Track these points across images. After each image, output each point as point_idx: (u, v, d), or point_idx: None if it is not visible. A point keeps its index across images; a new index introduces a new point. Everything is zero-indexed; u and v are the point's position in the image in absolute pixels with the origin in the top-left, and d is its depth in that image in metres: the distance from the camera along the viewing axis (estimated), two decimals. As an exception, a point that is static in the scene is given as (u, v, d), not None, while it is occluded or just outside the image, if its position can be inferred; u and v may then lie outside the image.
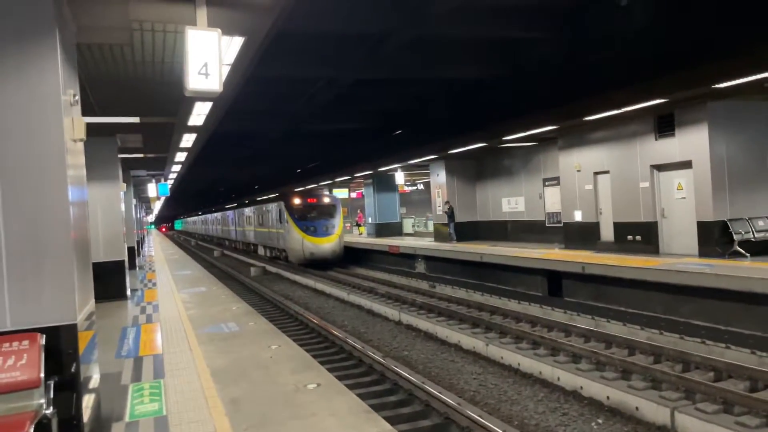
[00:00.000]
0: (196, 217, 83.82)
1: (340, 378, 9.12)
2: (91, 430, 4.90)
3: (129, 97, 9.90)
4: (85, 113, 7.13)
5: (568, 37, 12.62)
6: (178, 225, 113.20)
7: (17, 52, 4.62)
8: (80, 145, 5.80)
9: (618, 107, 12.61)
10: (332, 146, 25.18)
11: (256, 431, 4.64)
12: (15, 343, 4.31)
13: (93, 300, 5.96)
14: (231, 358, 7.13)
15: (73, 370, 4.77)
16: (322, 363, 9.71)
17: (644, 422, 7.27)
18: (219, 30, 5.24)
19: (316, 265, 25.99)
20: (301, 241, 26.16)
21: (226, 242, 50.86)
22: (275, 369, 6.54)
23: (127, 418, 5.15)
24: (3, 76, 4.60)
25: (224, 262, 35.04)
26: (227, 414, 5.08)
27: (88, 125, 5.79)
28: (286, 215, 27.24)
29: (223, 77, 5.57)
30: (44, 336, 4.48)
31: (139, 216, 29.48)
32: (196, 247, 54.48)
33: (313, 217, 26.90)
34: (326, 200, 28.02)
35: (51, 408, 4.22)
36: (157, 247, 39.90)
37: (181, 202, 72.13)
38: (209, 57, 5.21)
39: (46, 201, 4.65)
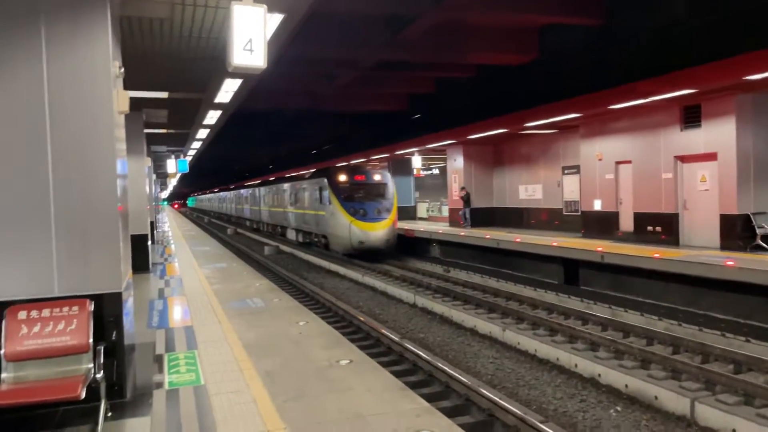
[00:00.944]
0: (211, 195, 79.93)
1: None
2: (133, 396, 5.05)
3: (157, 72, 9.94)
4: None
5: (598, 24, 12.53)
6: (191, 202, 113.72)
7: (71, 19, 4.69)
8: (122, 118, 5.90)
9: (645, 97, 12.51)
10: (350, 128, 25.20)
11: (294, 403, 4.75)
12: (65, 309, 4.45)
13: (131, 270, 6.10)
14: (261, 333, 7.26)
15: (114, 337, 4.90)
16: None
17: (663, 411, 7.33)
18: (265, 6, 5.28)
19: (363, 256, 21.23)
20: (347, 227, 21.07)
21: (246, 223, 45.85)
22: (306, 344, 6.67)
23: (166, 386, 5.29)
24: (56, 43, 4.67)
25: (237, 240, 35.26)
26: (264, 385, 5.21)
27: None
28: (329, 194, 22.20)
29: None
30: (93, 302, 4.60)
31: (156, 192, 29.70)
32: (209, 224, 54.81)
33: (362, 198, 21.89)
34: (378, 177, 22.72)
35: (101, 372, 4.35)
36: (171, 222, 40.22)
37: (195, 180, 72.46)
38: (254, 33, 5.24)
39: (96, 172, 4.76)
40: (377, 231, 21.12)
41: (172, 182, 46.80)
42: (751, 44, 9.78)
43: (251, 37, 5.25)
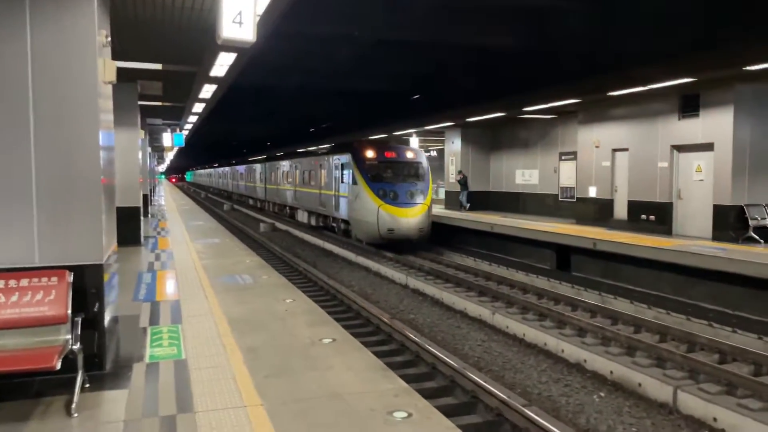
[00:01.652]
0: (210, 170, 76.17)
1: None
2: (113, 368, 5.05)
3: (152, 44, 9.82)
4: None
5: (599, 9, 12.34)
6: (190, 177, 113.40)
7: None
8: (109, 89, 5.82)
9: (644, 84, 12.41)
10: (348, 107, 24.97)
11: (274, 379, 4.76)
12: (44, 279, 4.42)
13: (116, 243, 6.06)
14: (247, 309, 7.26)
15: (96, 308, 4.89)
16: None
17: (646, 399, 7.38)
18: (255, -22, 5.18)
19: (391, 246, 18.21)
20: (375, 212, 17.83)
21: (249, 201, 42.90)
22: (291, 321, 6.67)
23: (147, 360, 5.29)
24: (41, 11, 4.58)
25: (234, 216, 35.24)
26: (245, 361, 5.21)
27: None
28: (354, 173, 19.04)
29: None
30: (72, 274, 4.58)
31: (151, 165, 29.58)
32: (206, 200, 54.74)
33: (392, 178, 18.75)
34: (411, 155, 19.60)
35: (77, 344, 4.34)
36: (167, 197, 40.14)
37: (192, 154, 72.14)
38: (244, 6, 5.16)
39: (78, 143, 4.70)
40: (410, 218, 17.71)
41: (170, 156, 46.60)
42: (753, 35, 9.66)
43: (241, 9, 5.17)
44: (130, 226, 12.77)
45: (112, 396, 4.46)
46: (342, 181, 20.23)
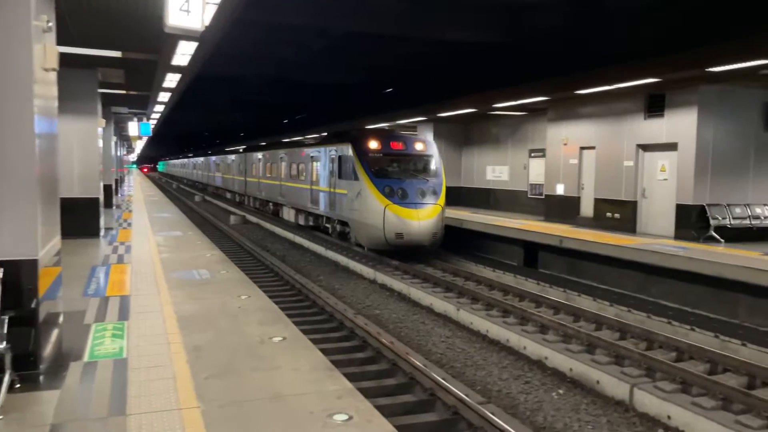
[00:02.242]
0: (183, 160, 72.28)
1: (308, 332, 9.19)
2: (49, 368, 4.84)
3: (111, 30, 9.51)
4: (62, 43, 6.82)
5: (569, 8, 12.36)
6: (162, 167, 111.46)
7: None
8: (52, 75, 5.55)
9: (610, 83, 12.47)
10: (320, 99, 24.72)
11: (215, 380, 4.60)
12: (-29, 275, 4.19)
13: (59, 236, 5.83)
14: (199, 305, 7.06)
15: (32, 305, 4.67)
16: (293, 316, 9.78)
17: (603, 396, 7.40)
18: (202, -36, 4.99)
19: (400, 253, 15.70)
20: (381, 213, 15.30)
21: (227, 195, 39.97)
22: (243, 319, 6.50)
23: (86, 358, 5.08)
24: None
25: (204, 207, 34.72)
26: (188, 361, 5.04)
27: (66, 56, 5.55)
28: (355, 167, 16.36)
29: (207, 15, 5.33)
30: (2, 270, 4.36)
31: (119, 154, 28.93)
32: (177, 191, 53.90)
33: (400, 174, 16.17)
34: (420, 147, 16.91)
35: (3, 343, 4.13)
36: (137, 187, 39.37)
37: (165, 144, 70.95)
38: (191, -8, 4.96)
39: (9, 131, 4.46)
40: (421, 221, 15.08)
41: (140, 145, 45.72)
42: (716, 37, 9.74)
43: (188, -4, 4.97)
44: (88, 217, 12.44)
45: (42, 397, 4.27)
46: (339, 176, 17.35)
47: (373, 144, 16.53)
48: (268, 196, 27.17)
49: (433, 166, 16.62)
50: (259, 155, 28.79)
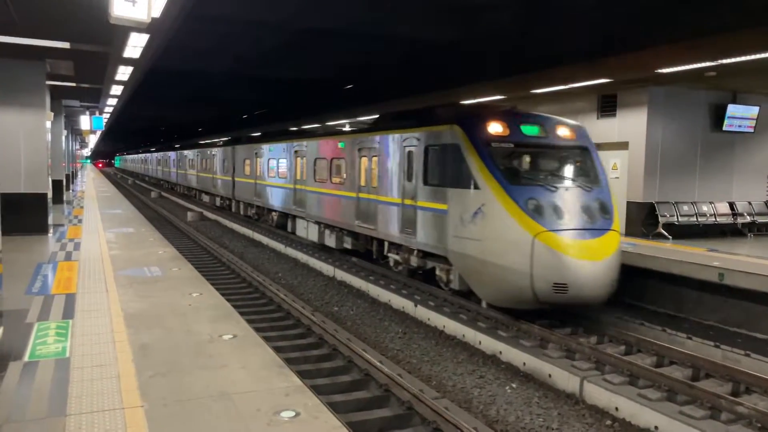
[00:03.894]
0: (144, 155, 64.20)
1: (265, 329, 9.11)
2: (-15, 368, 4.66)
3: (58, 20, 9.19)
4: (5, 32, 6.58)
5: (525, 8, 12.53)
6: (118, 162, 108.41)
7: None
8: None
9: (564, 83, 12.72)
10: (280, 95, 24.44)
11: (161, 379, 4.50)
12: None
13: (-2, 233, 5.61)
14: (148, 303, 6.90)
15: (-32, 304, 4.48)
16: (249, 314, 9.68)
17: (555, 389, 7.57)
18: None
19: (555, 311, 9.69)
20: (527, 246, 8.83)
21: (203, 197, 32.47)
22: (193, 317, 6.39)
23: (26, 358, 4.91)
24: None
25: (161, 204, 33.95)
26: (134, 360, 4.92)
27: (11, 46, 5.33)
28: (470, 164, 9.78)
29: (154, 7, 5.19)
30: (-69, 267, 4.17)
31: (71, 149, 28.02)
32: (132, 186, 52.59)
33: (546, 178, 9.86)
34: (565, 132, 10.55)
35: (-66, 343, 3.95)
36: (90, 183, 38.23)
37: (121, 139, 69.12)
38: (137, -18, 4.83)
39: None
40: (598, 260, 8.88)
41: (93, 139, 44.38)
42: (664, 37, 10.03)
43: (134, -15, 4.83)
44: (35, 213, 12.02)
45: (-23, 399, 4.10)
46: (427, 180, 10.90)
47: (498, 127, 9.93)
48: (271, 204, 20.23)
49: (593, 165, 10.22)
50: (258, 148, 21.58)
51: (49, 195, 12.83)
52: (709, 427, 6.15)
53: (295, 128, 27.04)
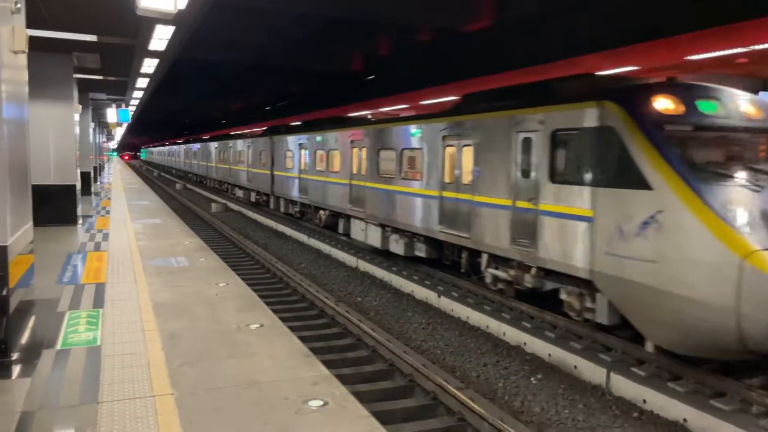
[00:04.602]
0: (171, 147, 61.76)
1: (289, 319, 9.18)
2: (20, 356, 4.76)
3: (86, 13, 9.31)
4: (34, 26, 6.67)
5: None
6: (144, 155, 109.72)
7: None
8: (22, 59, 5.43)
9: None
10: (303, 86, 24.51)
11: (189, 368, 4.56)
12: (-63, 262, 4.08)
13: (31, 223, 5.73)
14: (176, 293, 6.99)
15: (3, 293, 4.60)
16: (273, 304, 9.75)
17: (580, 381, 7.49)
18: (175, -56, 4.88)
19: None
20: (732, 271, 6.09)
21: (235, 191, 30.04)
22: (220, 307, 6.45)
23: (59, 346, 5.01)
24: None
25: (185, 195, 34.37)
26: (163, 348, 4.99)
27: (39, 39, 5.42)
28: (639, 155, 7.10)
29: (181, -2, 5.22)
30: (-31, 257, 4.27)
31: (98, 141, 28.46)
32: (158, 178, 53.31)
33: (748, 171, 6.97)
34: (753, 110, 7.64)
35: (-27, 332, 4.05)
36: (117, 175, 38.85)
37: (146, 131, 70.08)
38: (164, -27, 4.85)
39: (-26, 115, 4.35)
40: None
41: (120, 132, 45.01)
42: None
43: (161, -23, 4.86)
44: (64, 204, 12.25)
45: (12, 385, 4.20)
46: (557, 177, 8.51)
47: (669, 104, 7.47)
48: (318, 201, 17.88)
49: None
50: (304, 139, 18.97)
51: (78, 186, 13.05)
52: (739, 420, 6.04)
53: (352, 114, 23.98)
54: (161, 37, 10.13)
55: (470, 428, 6.01)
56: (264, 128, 28.28)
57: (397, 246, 13.23)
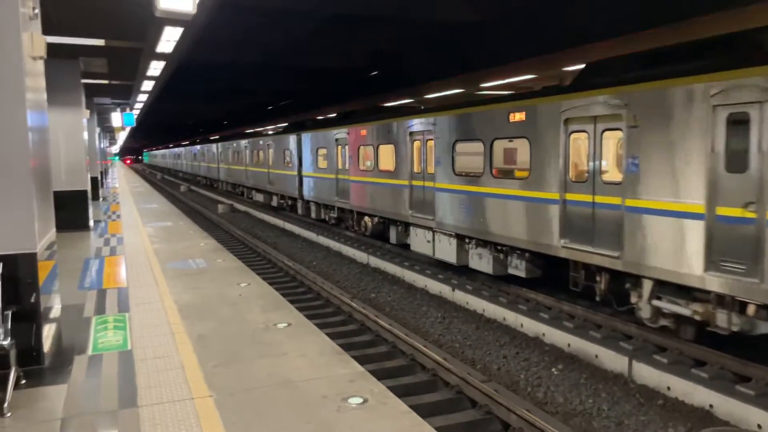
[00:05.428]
0: (177, 149, 59.71)
1: (309, 317, 9.19)
2: (53, 362, 4.78)
3: (94, 18, 9.30)
4: (44, 31, 6.66)
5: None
6: (147, 158, 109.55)
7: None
8: (40, 66, 5.43)
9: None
10: (307, 84, 24.46)
11: (224, 369, 4.58)
12: (-30, 271, 4.09)
13: (54, 229, 5.74)
14: (199, 295, 7.01)
15: (32, 300, 4.61)
16: (290, 302, 9.77)
17: (602, 370, 7.50)
18: (193, -55, 4.87)
19: None
20: None
21: (256, 196, 26.72)
22: (245, 307, 6.47)
23: (90, 351, 5.03)
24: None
25: (191, 197, 34.43)
26: (195, 350, 5.01)
27: (48, 45, 5.40)
28: None
29: (197, -1, 5.21)
30: (1, 264, 4.28)
31: (102, 146, 28.51)
32: (161, 181, 53.38)
33: None
34: None
35: (8, 339, 4.06)
36: (121, 179, 38.92)
37: (149, 134, 70.09)
38: (182, -25, 4.84)
39: (3, 125, 4.35)
40: None
41: (122, 136, 45.04)
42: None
43: (179, -21, 4.85)
44: (76, 210, 12.28)
45: (50, 392, 4.22)
46: None
47: None
48: (364, 206, 15.32)
49: None
50: (343, 133, 16.24)
51: (89, 191, 13.08)
52: (765, 404, 6.03)
53: (408, 99, 21.44)
54: (169, 39, 10.12)
55: (497, 420, 6.03)
56: (285, 125, 26.42)
57: (481, 262, 10.83)
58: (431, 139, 11.92)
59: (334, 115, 20.57)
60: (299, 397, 4.03)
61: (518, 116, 9.53)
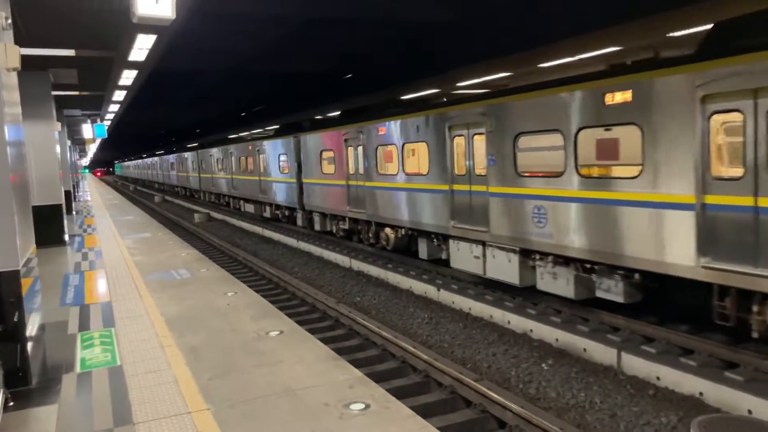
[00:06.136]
0: (152, 159, 55.91)
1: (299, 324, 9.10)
2: (40, 382, 4.63)
3: (63, 28, 9.09)
4: (15, 43, 6.48)
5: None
6: (119, 169, 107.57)
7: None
8: (14, 79, 5.28)
9: (572, 55, 12.57)
10: (280, 89, 24.30)
11: (220, 381, 4.48)
12: (-49, 292, 3.94)
13: (34, 245, 5.57)
14: (185, 306, 6.88)
15: (16, 319, 4.46)
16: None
17: (591, 363, 7.55)
18: (170, -50, 4.77)
19: None
20: None
21: (266, 209, 22.22)
22: (234, 316, 6.36)
23: (78, 369, 4.88)
24: None
25: (165, 207, 33.92)
26: (187, 363, 4.90)
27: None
28: None
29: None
30: (-17, 284, 4.13)
31: (72, 159, 27.93)
32: (135, 192, 52.49)
33: None
34: None
35: (-5, 360, 3.93)
36: (93, 192, 38.17)
37: (120, 145, 68.91)
38: (160, -19, 4.74)
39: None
40: None
41: (92, 148, 44.22)
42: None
43: (157, -16, 4.75)
44: (52, 225, 11.98)
45: (39, 413, 4.08)
46: None
47: None
48: (386, 215, 13.11)
49: None
50: (357, 133, 14.06)
51: (63, 205, 12.78)
52: (756, 389, 6.13)
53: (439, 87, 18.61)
54: (141, 47, 9.91)
55: (493, 419, 6.03)
56: (276, 127, 24.20)
57: (555, 284, 8.83)
58: (480, 134, 9.90)
59: (338, 113, 18.39)
60: (301, 406, 3.96)
61: (620, 98, 7.32)
